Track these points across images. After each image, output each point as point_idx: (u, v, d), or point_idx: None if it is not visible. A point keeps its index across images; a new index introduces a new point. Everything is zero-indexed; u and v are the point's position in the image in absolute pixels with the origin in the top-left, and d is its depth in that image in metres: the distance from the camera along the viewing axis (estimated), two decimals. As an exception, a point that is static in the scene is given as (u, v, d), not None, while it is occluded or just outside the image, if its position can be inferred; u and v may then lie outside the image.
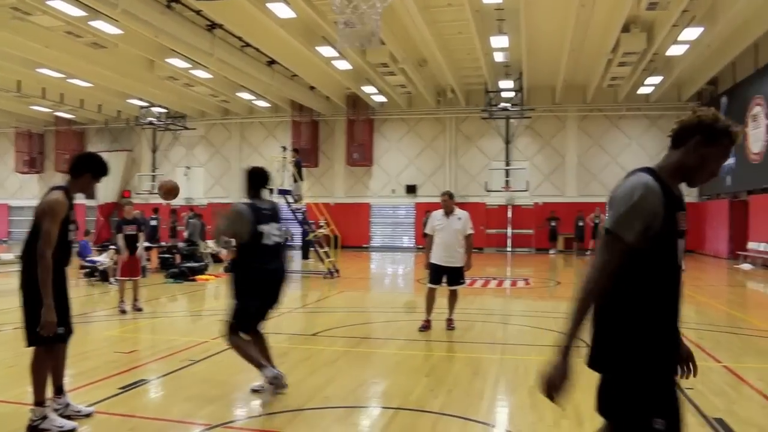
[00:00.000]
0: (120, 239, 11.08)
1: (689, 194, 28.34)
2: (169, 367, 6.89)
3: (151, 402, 5.91)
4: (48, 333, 4.65)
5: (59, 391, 5.10)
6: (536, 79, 27.01)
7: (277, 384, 5.63)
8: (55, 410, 4.99)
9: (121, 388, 5.96)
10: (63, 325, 4.89)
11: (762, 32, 19.34)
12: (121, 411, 5.36)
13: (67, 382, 6.18)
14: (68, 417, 4.99)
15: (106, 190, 34.46)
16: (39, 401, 4.82)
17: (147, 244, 16.36)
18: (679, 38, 19.71)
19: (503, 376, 6.76)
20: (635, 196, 2.51)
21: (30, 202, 37.14)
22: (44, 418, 4.77)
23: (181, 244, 20.36)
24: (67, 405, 5.11)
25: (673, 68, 23.62)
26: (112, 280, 14.83)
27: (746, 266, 21.09)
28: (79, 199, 28.44)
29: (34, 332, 4.73)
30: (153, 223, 23.44)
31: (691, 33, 19.20)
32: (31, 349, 4.85)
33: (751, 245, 22.16)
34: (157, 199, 32.74)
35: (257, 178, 6.04)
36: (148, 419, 5.25)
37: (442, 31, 20.86)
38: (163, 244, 20.66)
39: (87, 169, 5.01)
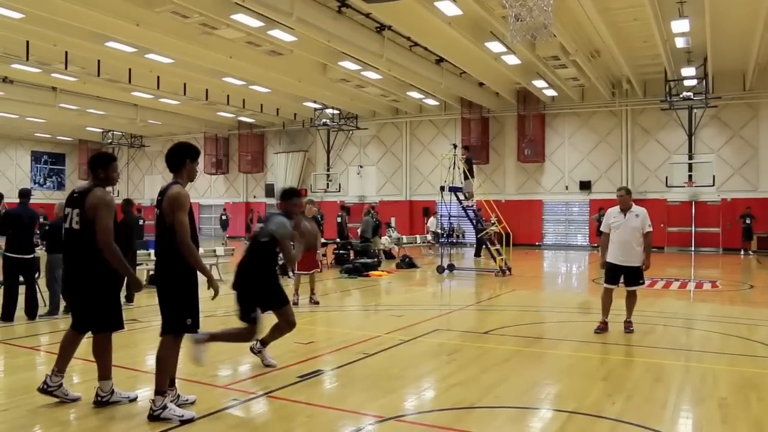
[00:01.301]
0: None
1: None
2: (345, 359, 7.12)
3: (327, 391, 6.14)
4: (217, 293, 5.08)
5: (171, 383, 5.24)
6: (723, 65, 24.99)
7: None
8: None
9: (300, 377, 6.23)
10: (192, 317, 5.12)
11: None
12: (300, 398, 5.61)
13: (249, 369, 6.60)
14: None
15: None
16: (161, 391, 4.98)
17: (323, 240, 17.04)
18: None
19: (688, 385, 6.29)
20: None
21: (217, 201, 40.28)
22: (165, 407, 4.92)
23: (354, 241, 21.04)
24: (178, 396, 5.26)
25: None
26: (290, 273, 15.59)
27: None
28: (260, 197, 30.08)
29: (169, 320, 5.05)
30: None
31: None
32: (161, 339, 5.13)
33: None
34: (330, 197, 34.21)
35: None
36: (325, 408, 5.44)
37: (616, 19, 19.90)
38: (338, 240, 21.42)
39: (185, 156, 5.24)
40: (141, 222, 14.77)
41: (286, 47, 21.41)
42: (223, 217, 34.54)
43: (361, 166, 35.58)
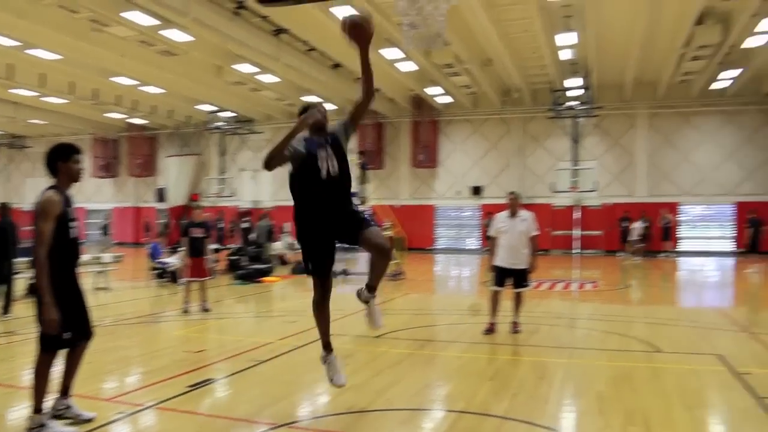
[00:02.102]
0: (184, 241, 11.36)
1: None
2: (236, 367, 7.02)
3: (217, 401, 6.04)
4: (49, 331, 4.69)
5: (65, 391, 5.11)
6: (604, 77, 26.39)
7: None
8: (57, 410, 5.00)
9: (189, 387, 6.10)
10: (73, 329, 4.89)
11: None
12: (189, 408, 5.50)
13: (138, 380, 6.41)
14: (67, 420, 5.00)
15: (176, 192, 35.48)
16: (37, 409, 4.79)
17: (215, 246, 16.73)
18: (758, 29, 18.89)
19: (570, 381, 6.62)
20: None
21: (105, 205, 38.65)
22: (41, 426, 4.73)
23: (247, 247, 20.74)
24: (68, 407, 5.10)
25: (752, 60, 22.64)
26: (181, 281, 15.22)
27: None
28: (151, 202, 29.15)
29: (43, 337, 4.79)
30: (219, 225, 23.95)
31: (771, 23, 18.38)
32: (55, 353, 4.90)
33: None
34: (224, 202, 33.61)
35: None
36: (215, 417, 5.37)
37: (507, 30, 20.62)
38: (231, 246, 21.07)
39: (55, 159, 5.02)
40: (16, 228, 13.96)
41: (180, 48, 20.89)
42: (103, 223, 33.14)
43: (255, 171, 35.10)
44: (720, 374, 6.67)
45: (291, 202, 5.39)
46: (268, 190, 34.69)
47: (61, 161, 5.03)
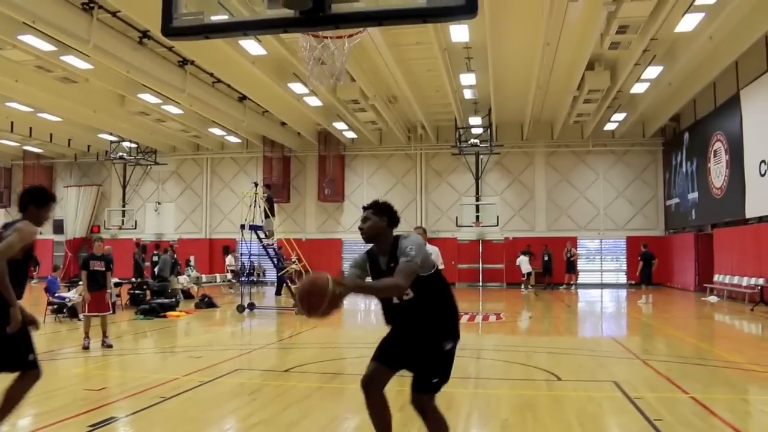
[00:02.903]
0: (84, 275, 10.97)
1: (656, 228, 28.90)
2: (140, 405, 6.81)
3: (121, 440, 5.84)
4: (13, 330, 4.70)
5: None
6: (505, 116, 27.47)
7: None
8: None
9: (90, 426, 5.87)
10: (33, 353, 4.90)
11: (718, 72, 20.06)
12: (91, 450, 5.30)
13: (35, 420, 6.12)
14: None
15: (75, 225, 34.11)
16: None
17: (116, 279, 16.18)
18: (642, 77, 20.34)
19: (475, 410, 6.79)
20: None
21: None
22: None
23: (150, 281, 20.16)
24: None
25: (637, 105, 24.28)
26: (81, 316, 14.61)
27: (713, 298, 21.44)
28: (47, 234, 27.80)
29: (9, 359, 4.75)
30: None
31: (652, 72, 19.86)
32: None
33: (716, 278, 22.56)
34: (125, 234, 32.58)
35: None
36: (119, 458, 5.19)
37: (412, 69, 21.19)
38: (133, 280, 20.42)
39: (29, 202, 5.07)
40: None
41: (81, 75, 20.26)
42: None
43: (159, 203, 34.25)
44: (616, 400, 7.01)
45: (197, 235, 5.37)
46: (172, 222, 33.91)
47: (34, 206, 5.07)
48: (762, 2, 15.65)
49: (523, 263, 27.91)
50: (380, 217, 4.66)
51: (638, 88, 21.88)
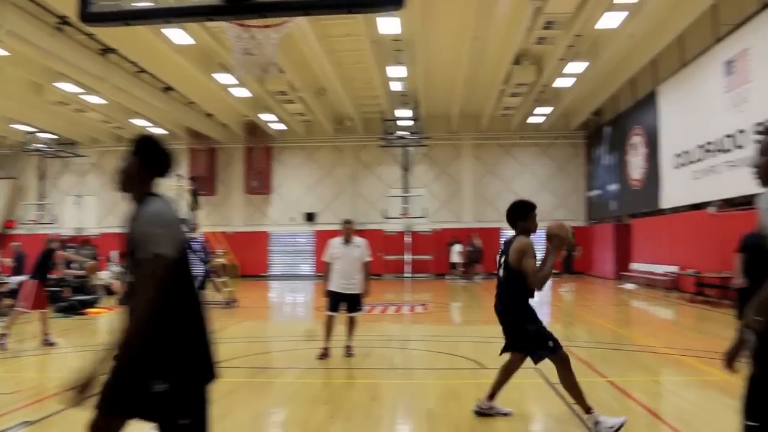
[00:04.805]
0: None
1: (578, 219, 29.74)
2: (56, 407, 6.58)
3: (36, 443, 5.65)
4: None
5: None
6: (433, 109, 27.75)
7: None
8: None
9: None
10: None
11: (638, 68, 20.88)
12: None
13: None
14: None
15: (-12, 219, 32.61)
16: None
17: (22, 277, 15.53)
18: (566, 71, 20.93)
19: (401, 401, 6.87)
20: None
21: None
22: None
23: (68, 278, 19.46)
24: None
25: (561, 99, 24.92)
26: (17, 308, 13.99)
27: (630, 286, 22.29)
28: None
29: None
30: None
31: (576, 67, 20.47)
32: None
33: (634, 266, 23.44)
34: (43, 229, 31.41)
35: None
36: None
37: (341, 61, 21.14)
38: (52, 276, 19.67)
39: None
40: None
41: (-8, 62, 19.39)
42: None
43: (79, 196, 33.11)
44: (538, 386, 7.20)
45: (119, 230, 5.25)
46: (93, 216, 32.85)
47: None
48: (678, 4, 16.36)
49: (455, 253, 28.23)
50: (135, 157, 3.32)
51: (563, 83, 22.51)
